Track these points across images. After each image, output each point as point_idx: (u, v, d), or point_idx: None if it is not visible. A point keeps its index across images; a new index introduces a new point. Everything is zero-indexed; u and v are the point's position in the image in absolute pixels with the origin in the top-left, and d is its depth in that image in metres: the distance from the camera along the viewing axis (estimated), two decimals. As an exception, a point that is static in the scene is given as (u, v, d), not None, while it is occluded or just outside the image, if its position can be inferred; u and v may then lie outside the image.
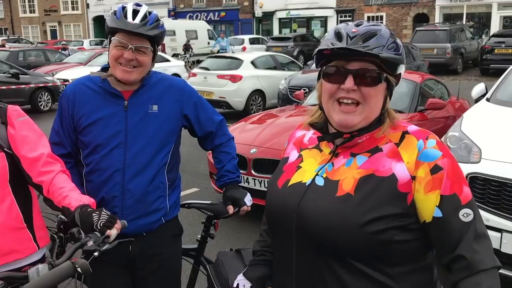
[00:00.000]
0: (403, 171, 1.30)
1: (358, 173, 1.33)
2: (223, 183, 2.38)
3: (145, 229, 2.13)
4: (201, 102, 2.30)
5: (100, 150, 2.07)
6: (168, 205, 2.19)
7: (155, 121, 2.12)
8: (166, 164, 2.16)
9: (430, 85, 7.09)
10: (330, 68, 1.36)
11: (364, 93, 1.33)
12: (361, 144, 1.39)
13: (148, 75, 2.15)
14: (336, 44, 1.32)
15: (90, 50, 21.50)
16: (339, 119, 1.35)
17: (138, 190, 2.08)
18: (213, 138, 2.37)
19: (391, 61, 1.33)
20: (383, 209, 1.27)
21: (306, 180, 1.40)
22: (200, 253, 2.65)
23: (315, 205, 1.33)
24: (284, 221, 1.39)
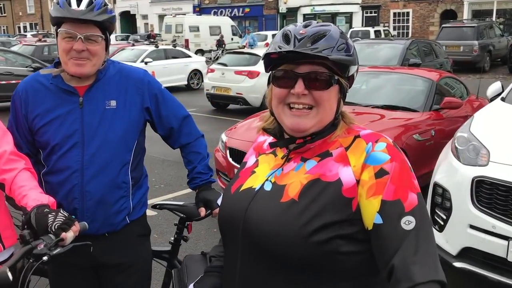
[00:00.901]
0: (349, 175, 1.23)
1: (305, 178, 1.27)
2: (196, 185, 2.29)
3: (108, 230, 2.05)
4: (162, 95, 2.17)
5: (57, 151, 1.97)
6: (131, 204, 2.10)
7: (113, 117, 2.01)
8: (128, 163, 2.07)
9: (449, 83, 6.86)
10: (279, 72, 1.30)
11: (316, 97, 1.27)
12: (313, 148, 1.34)
13: (103, 67, 2.03)
14: (284, 47, 1.26)
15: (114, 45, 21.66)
16: (291, 123, 1.29)
17: (98, 191, 1.99)
18: (178, 136, 2.26)
19: (341, 63, 1.26)
20: (326, 216, 1.20)
21: (256, 186, 1.35)
22: (173, 256, 2.57)
23: (260, 212, 1.27)
24: (231, 228, 1.34)
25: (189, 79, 16.62)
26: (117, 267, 2.11)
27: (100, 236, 2.03)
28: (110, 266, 2.11)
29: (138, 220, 2.18)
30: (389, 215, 1.18)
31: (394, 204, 1.18)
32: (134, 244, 2.16)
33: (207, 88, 12.31)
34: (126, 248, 2.12)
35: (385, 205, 1.18)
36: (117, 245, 2.09)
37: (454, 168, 3.50)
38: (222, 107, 12.66)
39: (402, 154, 1.26)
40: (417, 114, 5.71)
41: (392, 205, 1.18)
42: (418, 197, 1.20)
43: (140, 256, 2.19)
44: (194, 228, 2.66)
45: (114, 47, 19.26)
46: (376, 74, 6.89)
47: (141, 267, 2.19)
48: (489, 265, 3.20)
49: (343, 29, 16.11)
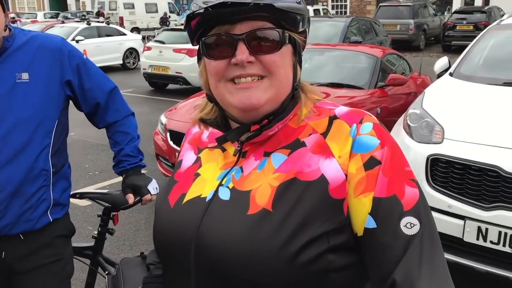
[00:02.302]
0: (335, 169, 0.93)
1: (276, 178, 0.95)
2: (122, 169, 1.98)
3: (24, 228, 1.71)
4: (85, 65, 1.84)
5: None
6: (51, 196, 1.76)
7: (26, 92, 1.67)
8: (48, 146, 1.73)
9: (392, 60, 6.80)
10: (210, 38, 0.96)
11: (267, 62, 0.94)
12: (274, 137, 1.01)
13: (10, 36, 1.68)
14: (211, 1, 0.92)
15: (43, 23, 20.32)
16: (239, 100, 0.95)
17: (12, 181, 1.64)
18: (104, 114, 1.93)
19: (292, 13, 0.95)
20: (313, 227, 0.90)
21: (206, 194, 1.00)
22: (97, 252, 2.25)
23: (220, 230, 0.93)
24: (177, 254, 0.98)
25: (125, 58, 15.88)
26: (34, 269, 1.77)
27: (15, 238, 1.69)
28: (25, 271, 1.76)
29: (63, 219, 1.84)
30: (385, 216, 0.91)
31: (389, 201, 0.91)
32: (56, 245, 1.82)
33: (144, 67, 11.72)
34: (45, 250, 1.78)
35: (378, 204, 0.91)
36: (35, 249, 1.75)
37: (407, 146, 3.35)
38: (160, 87, 12.14)
39: (390, 134, 0.99)
40: (362, 91, 5.60)
41: (386, 203, 0.91)
42: (418, 190, 0.94)
43: (61, 257, 1.85)
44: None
45: (43, 25, 18.10)
46: (320, 51, 6.71)
47: (62, 267, 1.86)
48: (445, 246, 3.08)
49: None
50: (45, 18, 29.12)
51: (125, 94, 11.42)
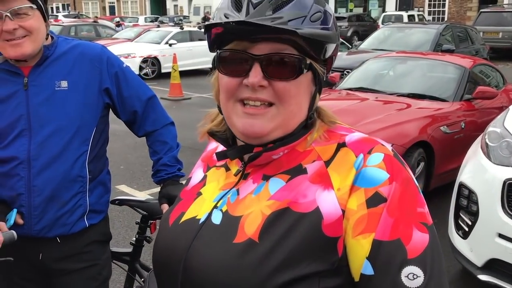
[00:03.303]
0: (331, 203, 0.85)
1: (269, 206, 0.88)
2: (160, 179, 1.98)
3: (60, 232, 1.76)
4: (124, 73, 1.85)
5: (2, 140, 1.69)
6: (88, 202, 1.80)
7: (65, 100, 1.71)
8: (85, 153, 1.77)
9: (483, 71, 6.34)
10: (226, 53, 0.91)
11: (279, 90, 0.88)
12: (278, 161, 0.94)
13: (51, 44, 1.74)
14: (232, 16, 0.87)
15: (141, 27, 21.50)
16: (242, 125, 0.91)
17: (49, 185, 1.70)
18: (142, 122, 1.93)
19: (317, 40, 0.88)
20: (300, 265, 0.83)
21: (201, 216, 0.96)
22: (134, 258, 2.28)
23: (206, 255, 0.89)
24: (168, 272, 0.96)
25: (214, 62, 16.29)
26: (70, 273, 1.83)
27: (52, 240, 1.75)
28: (62, 273, 1.82)
29: (99, 225, 1.88)
30: (384, 263, 0.81)
31: (392, 246, 0.82)
32: (92, 251, 1.86)
33: (230, 71, 11.94)
34: (81, 255, 1.83)
35: (378, 248, 0.82)
36: (72, 252, 1.80)
37: (483, 168, 3.08)
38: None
39: (407, 168, 0.88)
40: (446, 104, 5.28)
41: (388, 248, 0.82)
42: (429, 236, 0.83)
43: (97, 262, 1.89)
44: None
45: (141, 28, 19.14)
46: (404, 59, 6.43)
47: (98, 271, 1.90)
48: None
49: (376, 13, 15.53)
50: (145, 22, 30.79)
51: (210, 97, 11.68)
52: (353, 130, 0.96)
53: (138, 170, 5.98)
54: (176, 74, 11.51)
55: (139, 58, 14.23)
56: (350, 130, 0.96)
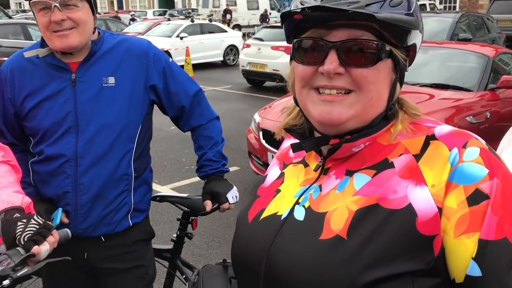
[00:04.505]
0: (426, 200, 0.81)
1: (355, 202, 0.85)
2: (204, 174, 1.95)
3: (105, 230, 1.74)
4: (171, 68, 1.82)
5: (49, 137, 1.67)
6: (132, 200, 1.78)
7: (112, 97, 1.69)
8: (131, 151, 1.74)
9: (506, 60, 6.22)
10: (302, 41, 0.88)
11: (357, 76, 0.85)
12: (359, 155, 0.91)
13: (98, 39, 1.70)
14: (308, 2, 0.84)
15: (151, 21, 21.48)
16: (319, 112, 0.87)
17: (95, 184, 1.68)
18: (189, 117, 1.91)
19: (397, 25, 0.83)
20: (394, 264, 0.79)
21: (282, 212, 0.93)
22: (175, 255, 2.26)
23: (290, 253, 0.86)
24: (250, 269, 0.93)
25: (225, 55, 16.25)
26: (116, 273, 1.81)
27: (97, 240, 1.73)
28: (108, 273, 1.81)
29: (142, 223, 1.86)
30: (492, 263, 0.77)
31: (500, 246, 0.77)
32: (136, 250, 1.84)
33: (243, 64, 11.91)
34: (127, 254, 1.81)
35: (485, 248, 0.77)
36: (116, 251, 1.79)
37: (520, 159, 3.00)
38: (258, 84, 12.25)
39: (503, 162, 0.83)
40: (470, 94, 5.18)
41: (496, 248, 0.77)
42: None
43: (142, 262, 1.88)
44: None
45: (151, 22, 19.11)
46: (424, 49, 6.30)
47: (145, 272, 1.89)
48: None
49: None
50: (154, 15, 30.77)
51: (224, 90, 11.72)
52: (439, 123, 0.91)
53: (158, 164, 5.97)
54: (189, 67, 11.49)
55: (150, 52, 14.21)
56: (437, 122, 0.91)
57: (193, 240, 3.25)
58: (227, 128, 7.33)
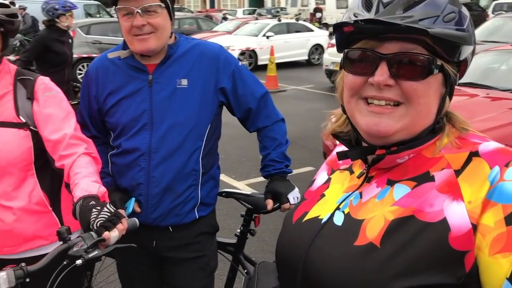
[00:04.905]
0: (461, 215, 0.82)
1: (392, 212, 0.88)
2: (268, 173, 2.02)
3: (173, 221, 1.87)
4: (240, 72, 1.91)
5: (127, 132, 1.83)
6: (199, 195, 1.89)
7: (184, 98, 1.81)
8: (200, 148, 1.85)
9: None
10: (353, 52, 0.91)
11: (407, 89, 0.87)
12: (403, 166, 0.93)
13: (174, 43, 1.83)
14: (361, 14, 0.87)
15: (240, 19, 21.95)
16: (367, 123, 0.90)
17: (166, 177, 1.81)
18: (255, 118, 1.99)
19: (449, 41, 0.84)
20: (423, 275, 0.81)
21: (323, 216, 0.98)
22: (239, 250, 2.35)
23: (326, 255, 0.92)
24: (289, 270, 1.00)
25: (310, 54, 16.22)
26: (181, 261, 1.95)
27: (164, 229, 1.87)
28: (173, 261, 1.95)
29: (208, 217, 1.98)
30: None
31: None
32: (200, 242, 1.97)
33: (327, 63, 11.81)
34: (191, 245, 1.93)
35: None
36: (182, 242, 1.92)
37: None
38: (341, 84, 12.10)
39: None
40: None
41: None
42: None
43: (205, 253, 2.00)
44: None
45: (239, 21, 19.53)
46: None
47: (206, 262, 2.01)
48: None
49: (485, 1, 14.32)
50: (243, 14, 31.37)
51: (306, 90, 11.72)
52: (487, 139, 0.91)
53: (236, 160, 6.15)
54: (272, 66, 11.63)
55: (237, 50, 14.55)
56: (484, 138, 0.92)
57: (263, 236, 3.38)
58: (306, 128, 7.36)
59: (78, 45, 11.50)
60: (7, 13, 1.66)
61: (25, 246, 1.74)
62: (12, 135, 1.68)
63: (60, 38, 5.50)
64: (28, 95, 1.72)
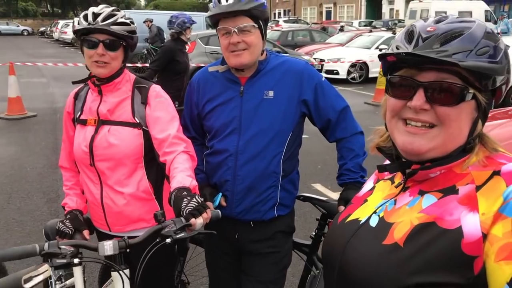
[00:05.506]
0: (473, 225, 0.93)
1: (418, 218, 1.01)
2: (342, 182, 2.16)
3: (254, 217, 2.10)
4: (322, 86, 2.09)
5: (219, 135, 2.09)
6: (278, 195, 2.10)
7: (270, 107, 2.03)
8: (281, 153, 2.06)
9: None
10: (395, 78, 1.05)
11: (441, 114, 1.00)
12: (435, 179, 1.06)
13: (265, 59, 2.07)
14: (402, 47, 1.01)
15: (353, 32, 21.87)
16: (403, 142, 1.05)
17: (249, 176, 2.04)
18: (334, 130, 2.14)
19: (480, 72, 0.96)
20: (436, 274, 0.94)
21: (362, 218, 1.14)
22: (313, 251, 2.49)
23: (358, 252, 1.07)
24: (330, 261, 1.17)
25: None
26: (257, 255, 2.16)
27: (246, 224, 2.10)
28: (251, 254, 2.17)
29: (285, 217, 2.18)
30: None
31: None
32: (277, 239, 2.17)
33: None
34: (268, 241, 2.14)
35: None
36: (261, 237, 2.13)
37: None
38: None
39: None
40: None
41: None
42: None
43: (280, 250, 2.19)
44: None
45: (353, 33, 19.47)
46: None
47: (280, 259, 2.20)
48: None
49: None
50: (359, 26, 31.11)
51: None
52: None
53: (334, 171, 6.18)
54: (382, 79, 11.44)
55: (347, 62, 14.58)
56: (510, 159, 1.01)
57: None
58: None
59: (198, 54, 12.37)
60: (128, 30, 2.02)
61: (131, 226, 2.09)
62: (128, 133, 2.03)
63: (182, 49, 6.11)
64: (143, 100, 2.07)
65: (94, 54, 1.98)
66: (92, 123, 2.08)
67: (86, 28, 1.95)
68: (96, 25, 1.94)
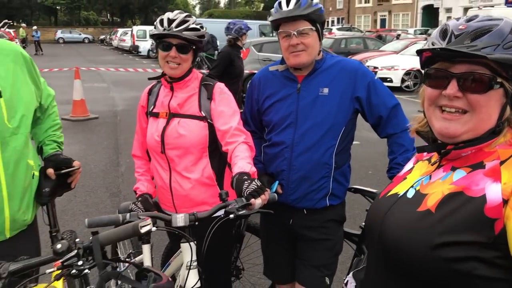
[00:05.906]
0: (496, 192, 1.08)
1: (449, 188, 1.17)
2: (392, 175, 2.29)
3: (307, 205, 2.27)
4: (374, 84, 2.24)
5: (276, 129, 2.28)
6: (330, 186, 2.25)
7: (324, 103, 2.20)
8: (334, 146, 2.22)
9: None
10: (431, 70, 1.21)
11: (472, 100, 1.15)
12: (465, 157, 1.21)
13: (321, 59, 2.24)
14: (437, 43, 1.17)
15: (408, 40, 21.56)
16: (439, 127, 1.20)
17: (303, 167, 2.22)
18: (385, 125, 2.28)
19: (506, 63, 1.10)
20: (462, 233, 1.09)
21: (401, 192, 1.30)
22: (362, 240, 2.62)
23: (396, 219, 1.23)
24: (371, 233, 1.34)
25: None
26: (311, 240, 2.33)
27: (300, 211, 2.28)
28: (305, 239, 2.34)
29: (337, 207, 2.34)
30: None
31: None
32: (329, 227, 2.33)
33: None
34: (321, 228, 2.31)
35: None
36: (314, 224, 2.31)
37: None
38: None
39: None
40: None
41: None
42: None
43: (331, 237, 2.36)
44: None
45: (408, 41, 19.22)
46: None
47: (332, 245, 2.36)
48: None
49: None
50: (414, 34, 30.59)
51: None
52: None
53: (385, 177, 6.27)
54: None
55: (401, 70, 14.45)
56: None
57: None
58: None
59: (251, 61, 12.65)
60: (198, 35, 2.25)
61: (195, 209, 2.30)
62: (195, 125, 2.26)
63: (238, 54, 6.39)
64: (208, 96, 2.30)
65: (167, 56, 2.22)
66: (163, 116, 2.32)
67: (161, 33, 2.20)
68: (170, 30, 2.18)
